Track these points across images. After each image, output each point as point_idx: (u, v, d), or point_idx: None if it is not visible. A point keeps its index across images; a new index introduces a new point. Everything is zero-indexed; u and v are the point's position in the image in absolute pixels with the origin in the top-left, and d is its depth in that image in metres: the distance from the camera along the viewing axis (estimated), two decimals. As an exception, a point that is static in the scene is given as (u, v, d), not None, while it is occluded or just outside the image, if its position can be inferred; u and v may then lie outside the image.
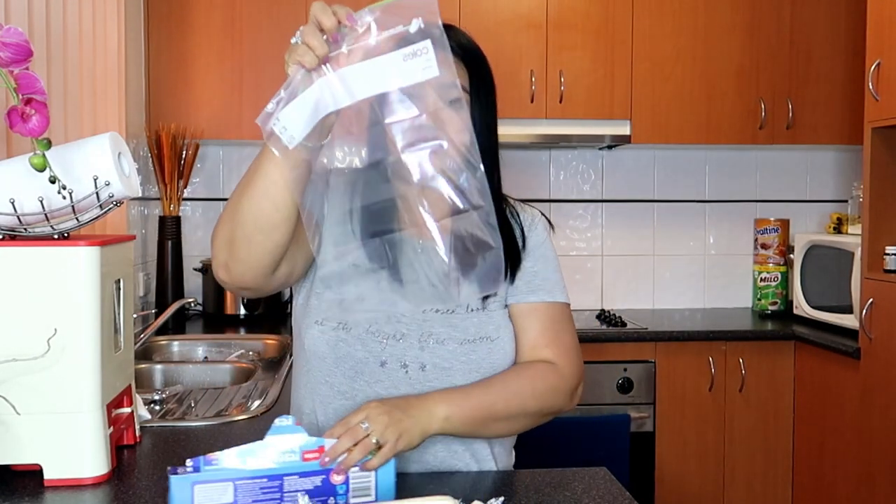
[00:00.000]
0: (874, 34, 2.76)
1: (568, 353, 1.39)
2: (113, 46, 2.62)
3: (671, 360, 3.08)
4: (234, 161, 3.51)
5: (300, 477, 1.09)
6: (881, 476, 2.70)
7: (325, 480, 1.10)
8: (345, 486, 1.10)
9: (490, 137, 1.35)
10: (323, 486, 1.10)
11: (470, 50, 1.35)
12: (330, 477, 1.10)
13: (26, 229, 1.27)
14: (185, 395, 2.08)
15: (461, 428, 1.27)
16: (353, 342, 1.32)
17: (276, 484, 1.08)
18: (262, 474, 1.08)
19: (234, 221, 1.18)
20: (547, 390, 1.35)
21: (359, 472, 1.12)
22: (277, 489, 1.08)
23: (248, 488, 1.07)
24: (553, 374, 1.36)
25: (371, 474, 1.13)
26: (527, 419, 1.35)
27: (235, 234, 1.18)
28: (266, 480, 1.08)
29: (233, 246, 1.19)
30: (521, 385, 1.33)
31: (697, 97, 3.33)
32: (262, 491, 1.07)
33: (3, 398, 1.23)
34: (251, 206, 1.16)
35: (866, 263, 2.80)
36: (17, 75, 1.20)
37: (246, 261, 1.20)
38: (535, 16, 3.25)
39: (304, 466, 1.09)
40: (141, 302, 3.12)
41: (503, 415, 1.31)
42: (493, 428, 1.32)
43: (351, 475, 1.11)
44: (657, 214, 3.72)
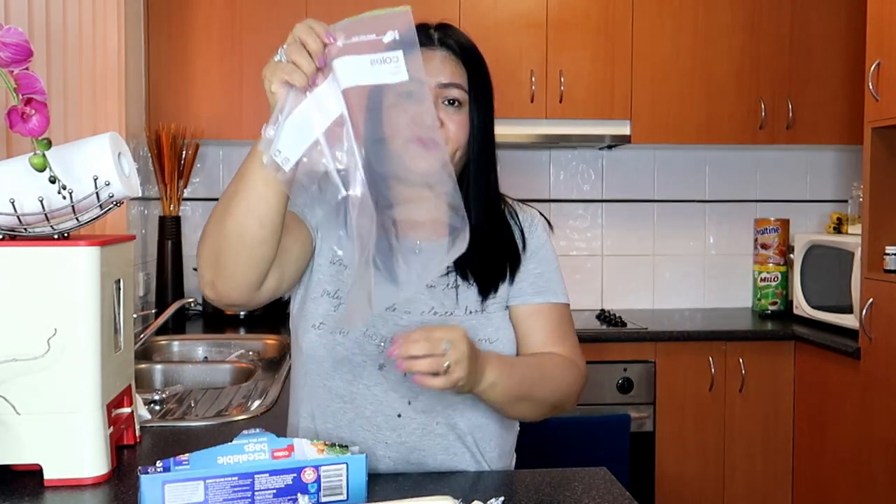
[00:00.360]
0: (874, 34, 2.76)
1: (576, 352, 1.40)
2: (113, 46, 2.62)
3: (671, 360, 3.08)
4: (234, 161, 3.51)
5: (270, 475, 1.09)
6: (881, 476, 2.70)
7: (295, 479, 1.10)
8: (316, 485, 1.10)
9: (487, 136, 1.35)
10: (294, 484, 1.10)
11: (468, 49, 1.36)
12: (301, 475, 1.10)
13: (26, 229, 1.27)
14: (185, 395, 2.08)
15: (497, 399, 1.28)
16: (351, 346, 1.32)
17: (247, 482, 1.08)
18: (232, 472, 1.08)
19: (219, 239, 1.17)
20: (569, 385, 1.36)
21: (331, 470, 1.12)
22: (248, 487, 1.08)
23: (218, 487, 1.07)
24: (575, 371, 1.38)
25: (342, 474, 1.12)
26: (543, 409, 1.35)
27: (220, 252, 1.17)
28: (237, 479, 1.08)
29: (218, 263, 1.18)
30: (555, 373, 1.35)
31: (697, 97, 3.33)
32: (232, 489, 1.08)
33: (3, 398, 1.23)
34: (235, 222, 1.15)
35: (866, 263, 2.80)
36: (17, 75, 1.20)
37: (232, 277, 1.19)
38: (535, 16, 3.25)
39: (274, 465, 1.09)
40: (141, 302, 3.12)
41: (534, 397, 1.32)
42: (518, 408, 1.33)
43: (322, 474, 1.11)
44: (657, 214, 3.72)
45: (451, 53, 1.34)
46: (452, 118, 1.31)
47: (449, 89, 1.31)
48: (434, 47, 1.33)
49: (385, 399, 1.33)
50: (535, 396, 1.32)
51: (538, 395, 1.33)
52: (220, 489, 1.07)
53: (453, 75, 1.32)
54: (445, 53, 1.33)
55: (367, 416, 1.33)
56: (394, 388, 1.32)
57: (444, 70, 1.32)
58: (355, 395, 1.33)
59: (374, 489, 1.23)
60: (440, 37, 1.35)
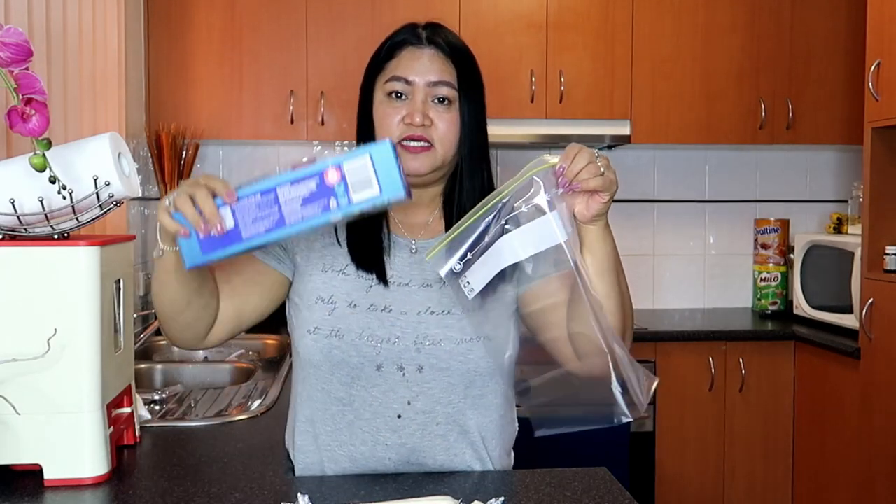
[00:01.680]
0: (874, 34, 2.76)
1: None
2: (113, 46, 2.62)
3: (671, 360, 3.08)
4: (234, 161, 3.51)
5: (292, 185, 1.05)
6: (881, 476, 2.70)
7: (319, 184, 1.04)
8: (343, 186, 1.04)
9: (479, 133, 1.35)
10: (318, 190, 1.05)
11: (457, 48, 1.35)
12: (324, 178, 1.04)
13: (26, 229, 1.27)
14: (185, 395, 2.08)
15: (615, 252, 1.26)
16: (347, 348, 1.32)
17: (271, 198, 1.06)
18: (252, 192, 1.06)
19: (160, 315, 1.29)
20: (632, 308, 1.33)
21: (353, 164, 1.05)
22: (273, 202, 1.06)
23: (244, 209, 1.06)
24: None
25: (367, 165, 1.04)
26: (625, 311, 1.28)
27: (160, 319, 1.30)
28: (259, 196, 1.06)
29: (164, 326, 1.31)
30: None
31: (697, 97, 3.33)
32: (258, 208, 1.06)
33: (3, 398, 1.23)
34: (157, 300, 1.27)
35: (866, 263, 2.80)
36: (17, 75, 1.20)
37: (179, 336, 1.31)
38: (535, 16, 3.25)
39: (293, 174, 1.05)
40: (141, 302, 3.12)
41: (625, 285, 1.28)
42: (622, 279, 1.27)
43: (346, 169, 1.04)
44: (657, 214, 3.72)
45: (440, 52, 1.33)
46: (442, 116, 1.31)
47: (438, 87, 1.31)
48: (422, 45, 1.33)
49: (384, 400, 1.32)
50: (623, 283, 1.28)
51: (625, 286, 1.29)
52: (247, 210, 1.06)
53: (442, 73, 1.31)
54: (434, 52, 1.33)
55: (367, 419, 1.33)
56: (392, 388, 1.32)
57: (433, 68, 1.31)
58: (354, 397, 1.33)
59: (374, 489, 1.24)
60: (429, 35, 1.34)
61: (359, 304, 1.33)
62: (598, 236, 1.22)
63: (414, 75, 1.30)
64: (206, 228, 1.08)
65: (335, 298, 1.33)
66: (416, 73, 1.30)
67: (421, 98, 1.30)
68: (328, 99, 3.16)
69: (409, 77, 1.30)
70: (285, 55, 3.18)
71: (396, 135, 1.29)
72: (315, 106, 3.17)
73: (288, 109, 3.16)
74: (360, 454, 1.33)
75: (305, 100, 3.18)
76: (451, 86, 1.31)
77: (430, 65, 1.31)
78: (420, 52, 1.32)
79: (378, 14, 3.14)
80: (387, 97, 1.32)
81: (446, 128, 1.31)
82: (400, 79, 1.30)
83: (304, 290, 1.35)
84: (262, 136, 3.22)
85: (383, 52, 1.35)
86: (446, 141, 1.31)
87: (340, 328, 1.32)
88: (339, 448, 1.34)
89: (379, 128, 1.32)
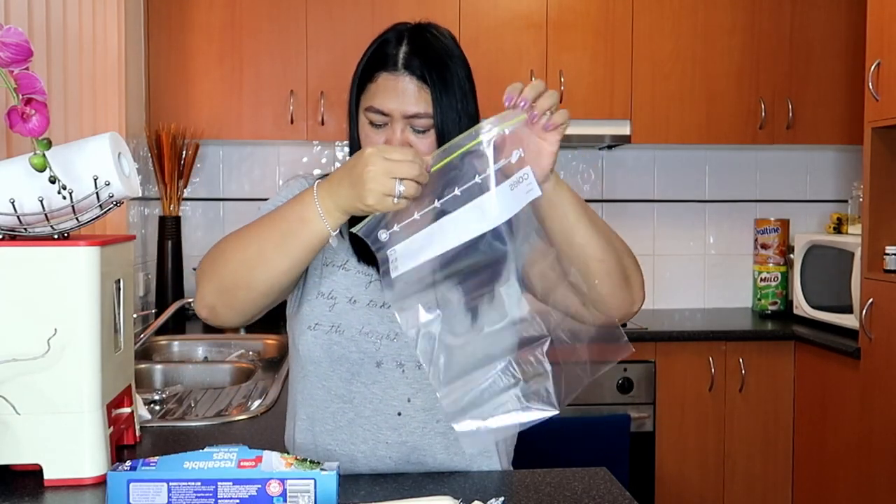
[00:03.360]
0: (874, 34, 2.76)
1: None
2: (113, 46, 2.62)
3: (671, 360, 3.08)
4: (234, 161, 3.51)
5: (234, 484, 1.08)
6: (881, 476, 2.70)
7: (260, 490, 1.08)
8: (282, 499, 1.08)
9: None
10: (259, 496, 1.08)
11: (435, 63, 1.29)
12: (266, 487, 1.08)
13: (26, 229, 1.27)
14: (185, 395, 2.08)
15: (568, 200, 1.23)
16: (347, 344, 1.32)
17: (210, 489, 1.08)
18: (195, 478, 1.08)
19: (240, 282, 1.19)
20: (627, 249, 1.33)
21: (297, 485, 1.09)
22: (211, 494, 1.08)
23: (182, 490, 1.08)
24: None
25: (310, 489, 1.09)
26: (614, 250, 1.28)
27: (237, 293, 1.20)
28: (200, 484, 1.08)
29: (229, 298, 1.21)
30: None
31: (697, 97, 3.33)
32: (195, 494, 1.08)
33: (3, 398, 1.23)
34: (268, 278, 1.18)
35: (866, 263, 2.80)
36: (17, 75, 1.20)
37: (239, 311, 1.23)
38: (535, 16, 3.25)
39: (238, 473, 1.08)
40: (141, 302, 3.12)
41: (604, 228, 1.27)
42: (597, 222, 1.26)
43: (288, 488, 1.09)
44: (657, 214, 3.72)
45: (414, 78, 1.27)
46: (421, 142, 1.27)
47: (414, 119, 1.27)
48: (398, 72, 1.27)
49: (384, 397, 1.33)
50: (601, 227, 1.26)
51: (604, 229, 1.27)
52: (184, 493, 1.08)
53: (418, 103, 1.26)
54: (408, 79, 1.27)
55: (367, 416, 1.33)
56: (392, 385, 1.32)
57: (408, 100, 1.26)
58: (354, 393, 1.33)
59: (374, 489, 1.24)
60: (405, 56, 1.28)
61: (358, 299, 1.33)
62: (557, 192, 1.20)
63: (391, 106, 1.26)
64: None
65: (335, 293, 1.33)
66: (392, 104, 1.26)
67: (399, 128, 1.27)
68: (328, 99, 3.16)
69: (384, 109, 1.27)
70: (285, 55, 3.18)
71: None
72: (315, 106, 3.18)
73: (288, 109, 3.16)
74: (361, 453, 1.34)
75: (305, 100, 3.18)
76: (426, 116, 1.27)
77: (403, 97, 1.26)
78: (395, 81, 1.27)
79: (378, 14, 3.14)
80: (368, 123, 1.30)
81: (427, 150, 1.27)
82: (377, 111, 1.27)
83: (305, 284, 1.35)
84: (262, 136, 3.22)
85: (363, 66, 1.31)
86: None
87: (341, 324, 1.32)
88: (340, 447, 1.34)
89: (363, 145, 1.31)
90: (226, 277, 1.20)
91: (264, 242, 1.17)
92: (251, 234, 1.19)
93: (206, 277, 1.22)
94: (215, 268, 1.21)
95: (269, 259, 1.17)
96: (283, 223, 1.17)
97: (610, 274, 1.26)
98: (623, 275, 1.28)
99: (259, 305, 1.23)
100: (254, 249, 1.18)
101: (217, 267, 1.21)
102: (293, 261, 1.17)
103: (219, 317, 1.23)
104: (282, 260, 1.17)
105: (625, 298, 1.30)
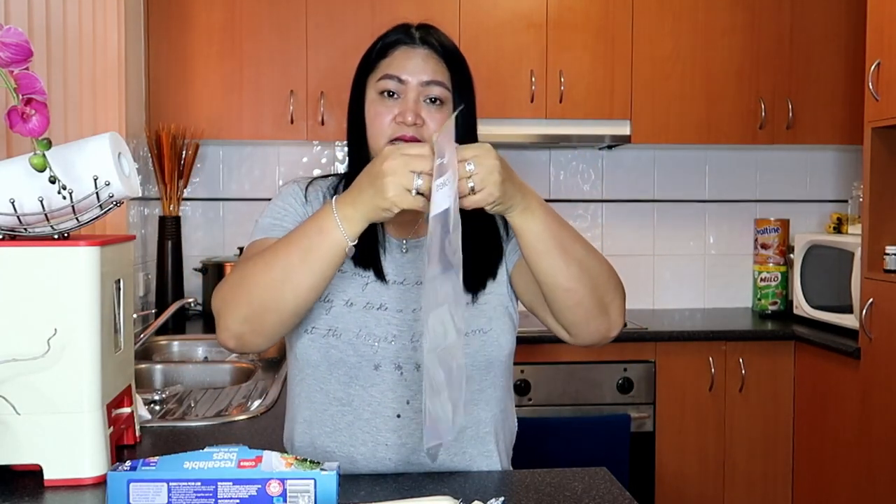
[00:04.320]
0: (874, 34, 2.76)
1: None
2: (113, 46, 2.62)
3: (671, 360, 3.08)
4: (234, 161, 3.51)
5: (234, 484, 1.08)
6: (881, 476, 2.70)
7: (260, 490, 1.08)
8: (282, 499, 1.08)
9: (470, 133, 1.35)
10: (259, 496, 1.08)
11: (449, 49, 1.35)
12: (266, 487, 1.09)
13: (26, 229, 1.27)
14: (185, 395, 2.08)
15: (552, 226, 1.18)
16: (345, 347, 1.32)
17: (210, 489, 1.08)
18: (195, 477, 1.08)
19: (267, 307, 1.18)
20: (611, 270, 1.28)
21: (297, 485, 1.09)
22: (211, 494, 1.08)
23: (181, 491, 1.08)
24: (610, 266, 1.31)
25: (310, 489, 1.09)
26: (590, 279, 1.22)
27: (266, 318, 1.19)
28: (199, 484, 1.08)
29: (258, 325, 1.20)
30: (595, 251, 1.27)
31: (697, 97, 3.33)
32: (195, 494, 1.08)
33: (3, 398, 1.23)
34: (296, 297, 1.17)
35: (866, 263, 2.80)
36: (17, 75, 1.20)
37: (269, 336, 1.22)
38: (535, 16, 3.25)
39: (238, 473, 1.08)
40: (141, 302, 3.12)
41: (581, 247, 1.22)
42: (572, 251, 1.20)
43: (288, 488, 1.08)
44: (657, 214, 3.72)
45: (434, 52, 1.32)
46: (433, 116, 1.30)
47: (431, 87, 1.30)
48: (415, 45, 1.32)
49: (382, 399, 1.33)
50: (582, 247, 1.22)
51: (586, 250, 1.23)
52: (183, 493, 1.08)
53: (435, 73, 1.31)
54: (427, 51, 1.32)
55: (366, 419, 1.33)
56: (391, 388, 1.32)
57: (427, 68, 1.30)
58: (353, 396, 1.33)
59: (374, 489, 1.24)
60: (422, 35, 1.34)
61: (355, 302, 1.33)
62: (524, 220, 1.16)
63: (407, 74, 1.30)
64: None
65: (331, 297, 1.33)
66: (409, 71, 1.30)
67: (413, 97, 1.29)
68: (328, 99, 3.16)
69: (401, 75, 1.30)
70: (285, 55, 3.18)
71: (388, 134, 1.29)
72: (315, 106, 3.17)
73: (288, 109, 3.16)
74: (361, 455, 1.33)
75: (305, 100, 3.18)
76: (443, 86, 1.31)
77: (423, 64, 1.31)
78: (413, 52, 1.32)
79: (378, 14, 3.14)
80: (379, 96, 1.31)
81: (437, 127, 1.30)
82: (393, 77, 1.30)
83: None
84: (262, 136, 3.22)
85: (376, 51, 1.34)
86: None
87: (338, 327, 1.32)
88: (339, 449, 1.34)
89: (370, 126, 1.32)
90: (253, 303, 1.18)
91: (288, 261, 1.16)
92: (274, 256, 1.18)
93: (231, 307, 1.20)
94: (239, 295, 1.20)
95: (294, 278, 1.16)
96: (303, 240, 1.16)
97: (581, 304, 1.22)
98: (598, 303, 1.23)
99: (288, 326, 1.22)
100: (279, 270, 1.17)
101: (241, 294, 1.19)
102: (317, 276, 1.16)
103: (247, 345, 1.23)
104: (307, 276, 1.16)
105: (598, 327, 1.26)
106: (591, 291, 1.22)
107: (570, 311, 1.24)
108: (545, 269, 1.20)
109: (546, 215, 1.18)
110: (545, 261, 1.19)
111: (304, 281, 1.16)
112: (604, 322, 1.26)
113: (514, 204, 1.14)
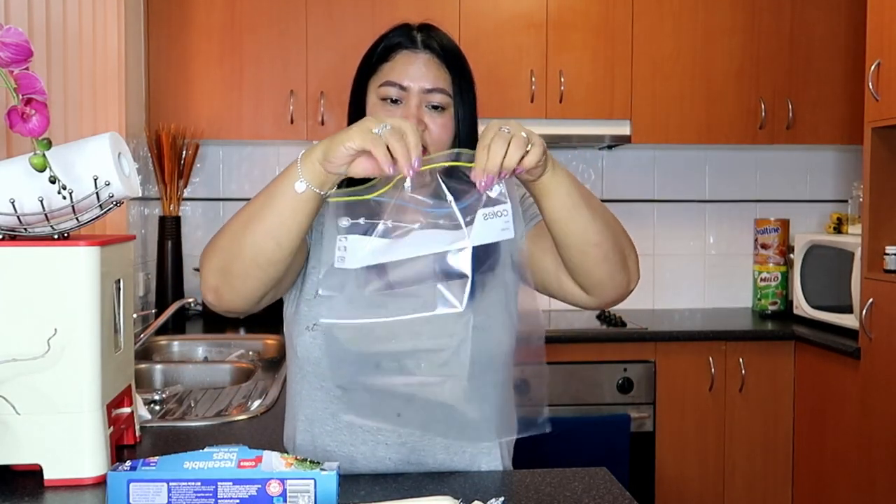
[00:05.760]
0: (874, 34, 2.76)
1: None
2: (113, 46, 2.62)
3: (671, 360, 3.08)
4: (234, 161, 3.51)
5: (234, 484, 1.08)
6: (881, 476, 2.70)
7: (260, 490, 1.08)
8: (282, 499, 1.08)
9: (472, 136, 1.35)
10: (259, 496, 1.08)
11: (451, 51, 1.34)
12: (266, 487, 1.09)
13: (26, 229, 1.27)
14: (185, 395, 2.08)
15: (576, 182, 1.20)
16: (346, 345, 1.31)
17: (210, 489, 1.08)
18: (195, 478, 1.08)
19: (232, 254, 1.17)
20: (624, 231, 1.29)
21: (297, 485, 1.09)
22: (211, 494, 1.08)
23: (181, 491, 1.08)
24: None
25: (310, 489, 1.09)
26: (612, 231, 1.24)
27: (232, 266, 1.18)
28: (199, 484, 1.08)
29: (227, 275, 1.19)
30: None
31: (697, 97, 3.33)
32: (195, 494, 1.08)
33: (3, 398, 1.23)
34: (254, 243, 1.15)
35: (866, 263, 2.80)
36: (17, 75, 1.20)
37: (239, 291, 1.20)
38: (535, 16, 3.25)
39: (238, 473, 1.08)
40: (141, 302, 3.12)
41: (597, 202, 1.24)
42: (595, 205, 1.22)
43: (288, 488, 1.09)
44: (657, 214, 3.72)
45: (435, 56, 1.32)
46: (435, 121, 1.30)
47: (432, 95, 1.30)
48: (417, 49, 1.32)
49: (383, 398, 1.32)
50: (601, 209, 1.23)
51: (605, 213, 1.24)
52: (184, 493, 1.08)
53: (437, 80, 1.30)
54: (429, 56, 1.31)
55: (367, 418, 1.33)
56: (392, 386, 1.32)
57: (428, 75, 1.30)
58: (353, 395, 1.33)
59: (374, 489, 1.24)
60: (423, 38, 1.33)
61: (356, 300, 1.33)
62: (553, 180, 1.17)
63: (409, 81, 1.29)
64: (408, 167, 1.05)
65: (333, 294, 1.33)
66: (410, 78, 1.30)
67: (415, 103, 1.29)
68: (328, 99, 3.16)
69: (403, 83, 1.30)
70: (285, 55, 3.18)
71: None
72: (315, 106, 3.18)
73: (288, 109, 3.16)
74: (361, 454, 1.33)
75: (305, 100, 3.18)
76: (445, 92, 1.31)
77: (424, 70, 1.30)
78: (415, 57, 1.31)
79: (378, 14, 3.14)
80: (380, 101, 1.31)
81: (440, 132, 1.30)
82: (394, 84, 1.30)
83: (304, 284, 1.35)
84: (262, 136, 3.22)
85: (377, 54, 1.34)
86: (440, 145, 1.31)
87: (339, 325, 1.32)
88: (339, 448, 1.34)
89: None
90: (224, 250, 1.18)
91: (253, 206, 1.17)
92: (245, 206, 1.19)
93: (207, 257, 1.21)
94: (214, 246, 1.20)
95: (253, 222, 1.15)
96: (268, 187, 1.16)
97: (608, 258, 1.24)
98: (620, 256, 1.26)
99: (256, 279, 1.18)
100: (244, 215, 1.17)
101: (215, 244, 1.20)
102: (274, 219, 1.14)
103: (223, 299, 1.21)
104: (263, 219, 1.14)
105: (621, 281, 1.28)
106: (614, 244, 1.24)
107: (597, 267, 1.24)
108: (576, 226, 1.20)
109: (569, 173, 1.20)
110: (577, 217, 1.19)
111: (262, 224, 1.14)
112: (625, 276, 1.28)
113: (548, 164, 1.15)
